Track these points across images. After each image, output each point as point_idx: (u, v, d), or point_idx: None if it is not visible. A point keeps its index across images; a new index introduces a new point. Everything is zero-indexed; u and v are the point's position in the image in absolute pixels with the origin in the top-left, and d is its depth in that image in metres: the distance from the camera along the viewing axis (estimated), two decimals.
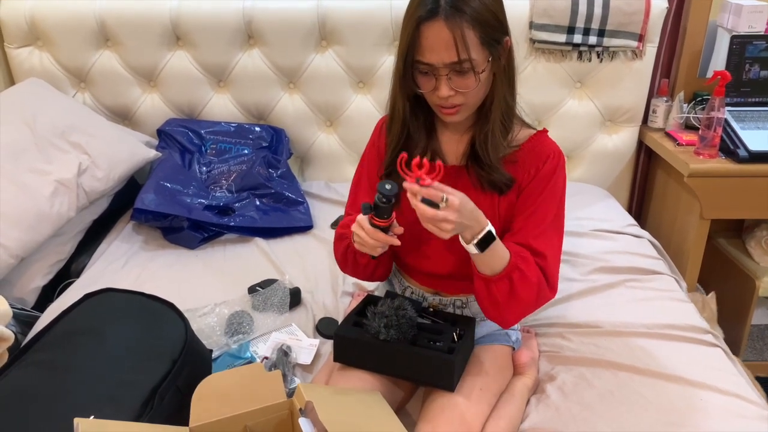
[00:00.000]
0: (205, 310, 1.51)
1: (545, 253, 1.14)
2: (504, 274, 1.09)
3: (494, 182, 1.16)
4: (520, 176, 1.17)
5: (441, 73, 1.05)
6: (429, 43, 1.04)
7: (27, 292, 1.65)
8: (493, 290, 1.11)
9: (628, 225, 1.89)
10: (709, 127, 1.82)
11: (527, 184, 1.17)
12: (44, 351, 1.15)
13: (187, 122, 2.10)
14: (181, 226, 1.82)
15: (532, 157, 1.17)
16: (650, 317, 1.45)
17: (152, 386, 1.08)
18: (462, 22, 1.01)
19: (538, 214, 1.16)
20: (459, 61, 1.03)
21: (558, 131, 2.10)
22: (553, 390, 1.27)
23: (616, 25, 1.94)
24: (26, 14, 2.02)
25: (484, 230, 1.06)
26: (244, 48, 2.07)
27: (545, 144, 1.19)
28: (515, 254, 1.11)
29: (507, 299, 1.11)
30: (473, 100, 1.11)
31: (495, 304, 1.13)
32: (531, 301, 1.14)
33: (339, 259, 1.31)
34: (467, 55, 1.03)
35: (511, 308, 1.14)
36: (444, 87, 1.06)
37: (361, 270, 1.27)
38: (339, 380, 1.20)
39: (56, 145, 1.76)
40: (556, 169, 1.17)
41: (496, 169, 1.15)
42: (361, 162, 1.34)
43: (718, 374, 1.29)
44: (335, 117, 2.16)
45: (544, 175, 1.16)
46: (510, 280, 1.09)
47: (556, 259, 1.18)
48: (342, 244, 1.26)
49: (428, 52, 1.04)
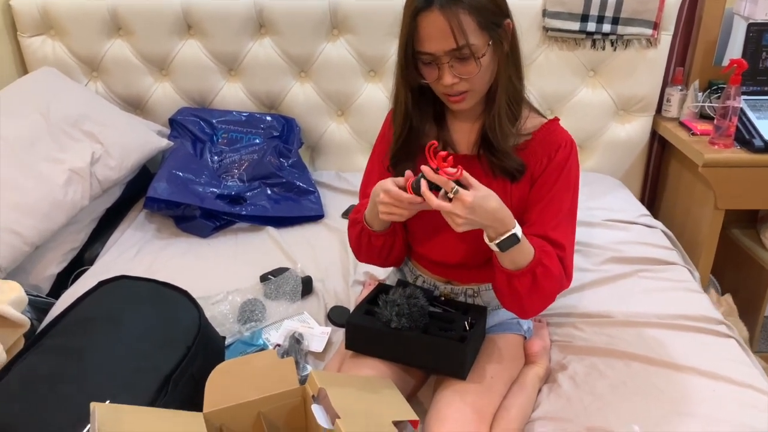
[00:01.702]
0: (217, 297, 1.51)
1: (563, 244, 1.14)
2: (528, 269, 1.08)
3: (506, 168, 1.15)
4: (533, 165, 1.16)
5: (442, 61, 1.05)
6: (427, 33, 1.03)
7: (42, 280, 1.67)
8: (515, 284, 1.10)
9: (641, 215, 1.87)
10: (725, 117, 1.80)
11: (540, 174, 1.16)
12: (60, 336, 1.16)
13: (199, 111, 2.11)
14: (194, 214, 1.83)
15: (544, 146, 1.16)
16: (663, 307, 1.45)
17: (167, 372, 1.09)
18: (457, 9, 1.01)
19: (554, 204, 1.15)
20: (458, 47, 1.03)
21: (571, 120, 2.08)
22: (564, 379, 1.27)
23: (630, 12, 1.91)
24: (39, 3, 2.03)
25: (508, 232, 1.04)
26: (256, 37, 2.07)
27: (557, 132, 1.18)
28: (539, 249, 1.10)
29: (529, 293, 1.10)
30: (479, 86, 1.10)
31: (517, 297, 1.12)
32: (552, 293, 1.14)
33: (353, 246, 1.30)
34: (465, 40, 1.02)
35: (533, 301, 1.14)
36: (447, 75, 1.06)
37: (376, 254, 1.26)
38: (351, 368, 1.20)
39: (69, 134, 1.77)
40: (569, 157, 1.16)
41: (507, 155, 1.14)
42: (372, 153, 1.34)
43: (731, 365, 1.28)
44: (346, 106, 2.15)
45: (557, 164, 1.15)
46: (533, 275, 1.09)
47: (572, 248, 1.18)
48: (356, 229, 1.26)
49: (427, 42, 1.04)
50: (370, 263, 1.32)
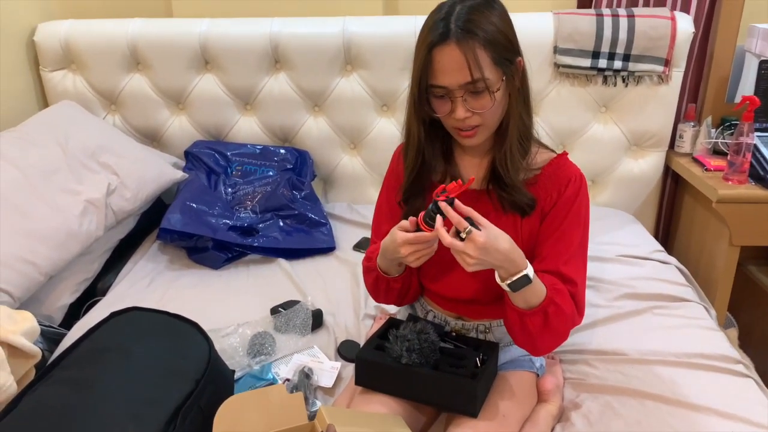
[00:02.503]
0: (228, 330, 1.51)
1: (575, 280, 1.13)
2: (540, 309, 1.08)
3: (516, 203, 1.15)
4: (542, 200, 1.16)
5: (456, 95, 1.06)
6: (442, 66, 1.05)
7: (54, 310, 1.68)
8: (527, 323, 1.10)
9: (654, 251, 1.85)
10: (738, 153, 1.79)
11: (550, 209, 1.16)
12: (70, 368, 1.16)
13: (214, 144, 2.14)
14: (206, 246, 1.84)
15: (553, 181, 1.16)
16: (678, 345, 1.42)
17: (176, 405, 1.08)
18: (474, 43, 1.02)
19: (565, 239, 1.15)
20: (473, 80, 1.04)
21: (583, 155, 2.09)
22: (578, 418, 1.24)
23: (641, 49, 1.93)
24: (61, 39, 2.09)
25: (520, 273, 1.04)
26: (271, 72, 2.11)
27: (566, 167, 1.18)
28: (551, 287, 1.09)
29: (541, 331, 1.10)
30: (490, 121, 1.11)
31: (528, 335, 1.12)
32: (565, 331, 1.15)
33: (371, 291, 1.32)
34: (481, 74, 1.03)
35: (545, 340, 1.13)
36: (460, 108, 1.07)
37: (395, 296, 1.28)
38: (360, 404, 1.19)
39: (87, 166, 1.80)
40: (579, 192, 1.16)
41: (518, 189, 1.14)
42: (382, 189, 1.35)
43: (750, 406, 1.25)
44: (359, 140, 2.17)
45: (566, 199, 1.15)
46: (545, 314, 1.09)
47: (584, 283, 1.17)
48: (371, 276, 1.27)
49: (441, 75, 1.05)
50: (389, 303, 1.33)
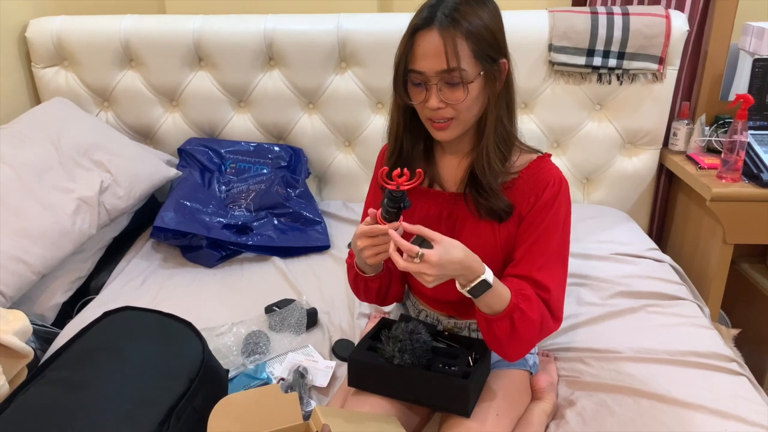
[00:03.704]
0: (222, 329, 1.51)
1: (549, 286, 1.11)
2: (504, 314, 1.07)
3: (492, 209, 1.13)
4: (519, 204, 1.14)
5: (432, 82, 1.06)
6: (421, 51, 1.05)
7: (47, 309, 1.67)
8: (494, 328, 1.09)
9: (648, 249, 1.86)
10: (732, 151, 1.79)
11: (527, 213, 1.14)
12: (63, 368, 1.15)
13: (208, 141, 2.13)
14: (200, 244, 1.83)
15: (531, 184, 1.14)
16: (672, 343, 1.43)
17: (169, 405, 1.08)
18: (456, 32, 1.02)
19: (540, 244, 1.12)
20: (449, 69, 1.03)
21: (577, 153, 2.09)
22: (572, 416, 1.25)
23: (636, 47, 1.93)
24: (54, 35, 2.07)
25: (478, 279, 1.03)
26: (265, 69, 2.10)
27: (545, 170, 1.15)
28: (516, 293, 1.08)
29: (509, 337, 1.09)
30: (464, 116, 1.09)
31: (497, 340, 1.11)
32: (533, 337, 1.13)
33: (353, 288, 1.32)
34: (457, 64, 1.03)
35: (513, 345, 1.12)
36: (434, 98, 1.06)
37: (374, 295, 1.27)
38: (354, 404, 1.19)
39: (79, 163, 1.79)
40: (557, 195, 1.13)
41: (495, 194, 1.12)
42: (369, 189, 1.35)
43: (744, 404, 1.25)
44: (353, 137, 2.17)
45: (544, 203, 1.13)
46: (511, 320, 1.07)
47: (560, 290, 1.15)
48: (351, 273, 1.28)
49: (420, 60, 1.05)
50: (369, 303, 1.33)
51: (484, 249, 1.10)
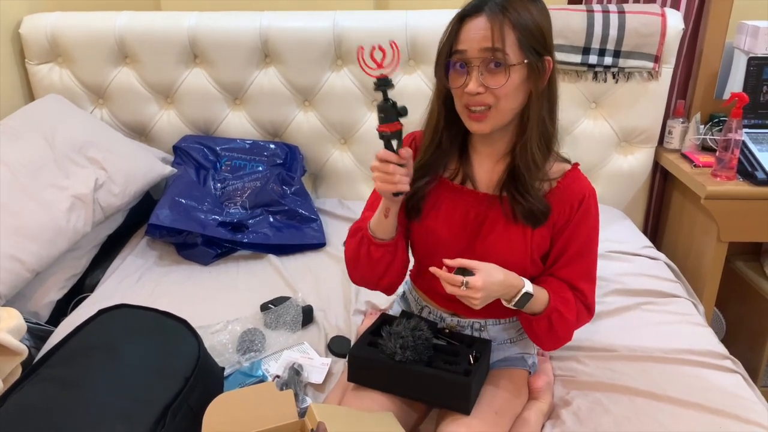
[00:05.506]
0: (217, 327, 1.50)
1: (587, 291, 1.20)
2: (544, 315, 1.15)
3: (531, 211, 1.13)
4: (555, 213, 1.15)
5: (473, 63, 1.05)
6: (467, 34, 1.05)
7: (41, 306, 1.66)
8: (533, 326, 1.18)
9: (643, 247, 1.87)
10: (727, 149, 1.80)
11: (564, 223, 1.16)
12: (58, 366, 1.15)
13: (203, 139, 2.12)
14: (195, 242, 1.83)
15: (567, 195, 1.15)
16: (667, 342, 1.43)
17: (165, 404, 1.08)
18: (504, 19, 1.03)
19: (583, 257, 1.19)
20: (492, 47, 1.03)
21: (573, 151, 2.06)
22: (568, 415, 1.25)
23: (631, 46, 1.93)
24: (47, 31, 2.06)
25: (520, 293, 1.11)
26: (261, 66, 2.09)
27: (580, 181, 1.18)
28: (555, 296, 1.16)
29: (547, 333, 1.18)
30: (502, 105, 1.07)
31: (535, 335, 1.21)
32: (568, 334, 1.22)
33: (350, 257, 1.24)
34: (502, 45, 1.03)
35: (551, 341, 1.22)
36: (474, 81, 1.05)
37: (371, 268, 1.20)
38: (352, 400, 1.19)
39: (74, 161, 1.78)
40: (593, 208, 1.19)
41: (534, 195, 1.12)
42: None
43: (738, 401, 1.26)
44: (349, 135, 2.16)
45: (582, 216, 1.16)
46: (549, 320, 1.15)
47: (594, 284, 1.23)
48: (356, 238, 1.21)
49: (464, 41, 1.06)
50: (362, 284, 1.29)
51: (513, 253, 1.15)
